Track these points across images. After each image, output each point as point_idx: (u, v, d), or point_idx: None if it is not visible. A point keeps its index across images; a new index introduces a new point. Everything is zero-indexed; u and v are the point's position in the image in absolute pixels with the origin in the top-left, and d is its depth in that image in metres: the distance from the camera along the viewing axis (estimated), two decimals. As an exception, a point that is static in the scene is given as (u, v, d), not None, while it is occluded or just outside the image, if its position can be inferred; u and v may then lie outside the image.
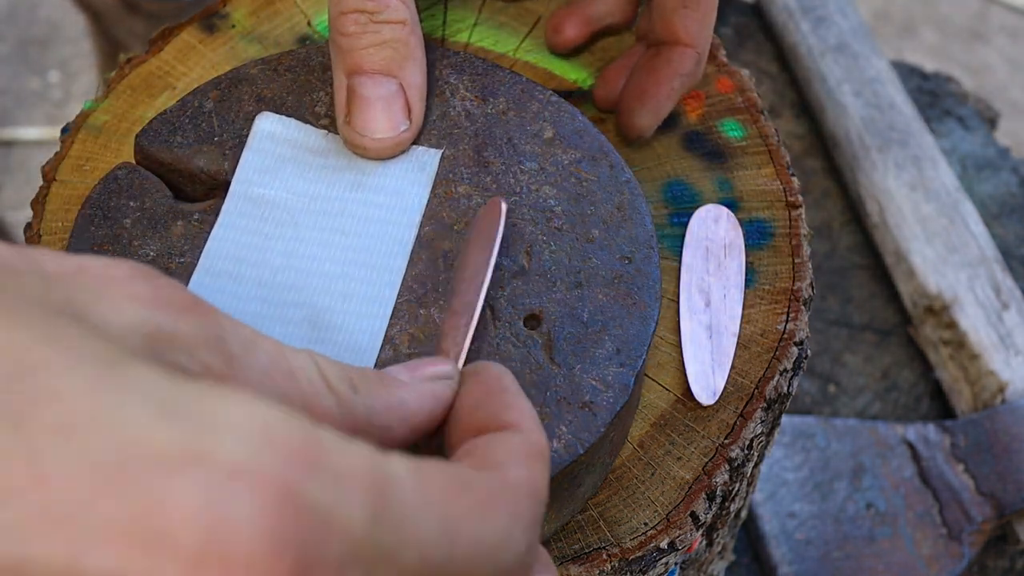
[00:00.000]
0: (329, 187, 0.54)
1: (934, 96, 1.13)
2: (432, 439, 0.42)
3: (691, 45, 0.60)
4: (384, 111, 0.53)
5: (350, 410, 0.37)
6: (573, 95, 0.65)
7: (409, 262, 0.52)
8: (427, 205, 0.54)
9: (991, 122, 1.13)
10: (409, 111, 0.54)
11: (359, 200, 0.54)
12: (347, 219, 0.53)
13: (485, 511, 0.33)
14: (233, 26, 0.65)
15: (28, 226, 0.59)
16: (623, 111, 0.61)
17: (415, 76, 0.54)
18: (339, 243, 0.53)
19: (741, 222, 0.61)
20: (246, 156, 0.54)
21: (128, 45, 1.27)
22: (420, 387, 0.41)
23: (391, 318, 0.51)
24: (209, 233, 0.53)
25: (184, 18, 0.66)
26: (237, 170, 0.54)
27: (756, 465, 0.63)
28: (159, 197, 0.54)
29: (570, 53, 0.66)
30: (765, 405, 0.56)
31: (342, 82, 0.54)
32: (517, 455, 0.37)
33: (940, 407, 0.97)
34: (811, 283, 0.60)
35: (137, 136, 0.55)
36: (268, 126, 0.55)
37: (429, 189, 0.54)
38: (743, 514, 0.74)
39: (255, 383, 0.35)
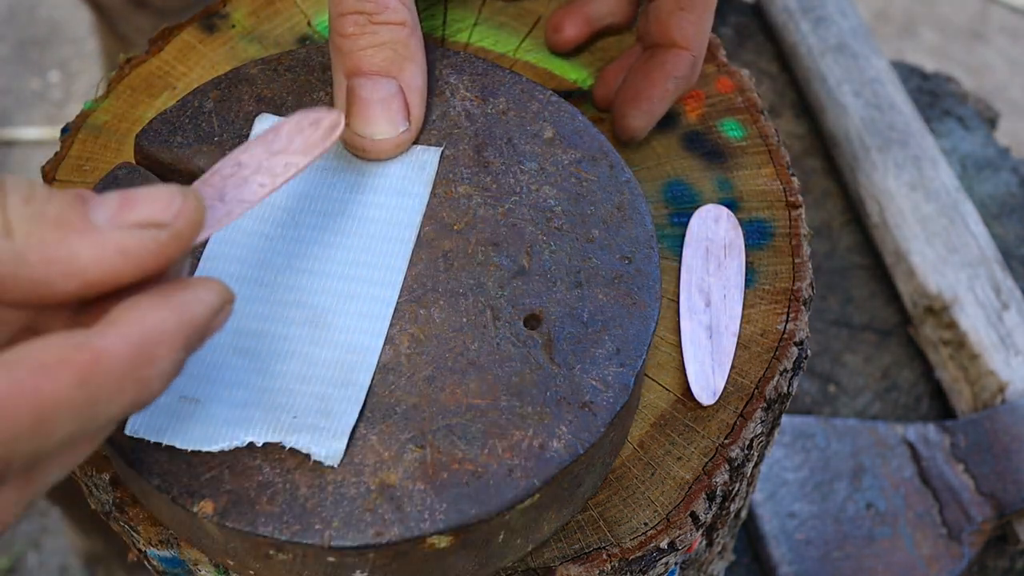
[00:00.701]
0: (329, 188, 0.54)
1: (934, 96, 1.13)
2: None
3: (686, 48, 0.60)
4: (383, 112, 0.53)
5: None
6: (573, 95, 0.65)
7: (409, 262, 0.52)
8: (427, 205, 0.54)
9: (991, 122, 1.13)
10: (408, 112, 0.54)
11: (359, 201, 0.54)
12: (348, 220, 0.53)
13: None
14: (233, 26, 0.65)
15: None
16: (617, 113, 0.61)
17: (415, 77, 0.54)
18: (340, 243, 0.53)
19: (741, 222, 0.61)
20: None
21: (135, 42, 1.27)
22: (105, 237, 0.37)
23: (391, 318, 0.51)
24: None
25: (191, 15, 0.66)
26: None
27: (756, 465, 0.63)
28: (159, 197, 0.54)
29: (570, 53, 0.66)
30: (765, 405, 0.56)
31: (341, 83, 0.54)
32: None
33: (940, 407, 0.97)
34: (811, 283, 0.60)
35: (137, 136, 0.55)
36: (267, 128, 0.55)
37: (430, 188, 0.54)
38: (743, 514, 0.74)
39: None
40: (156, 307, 0.36)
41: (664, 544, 0.53)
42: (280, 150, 0.46)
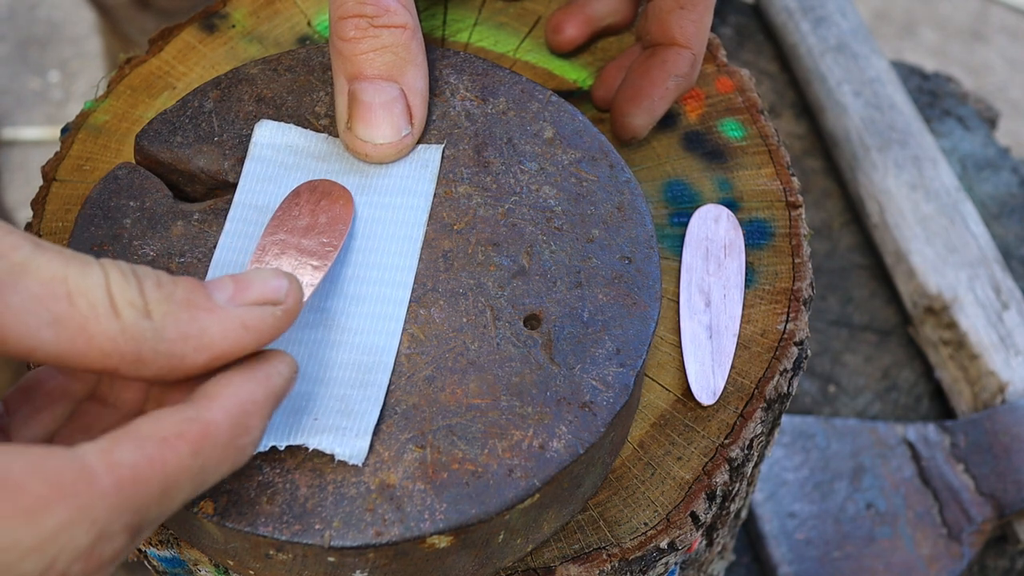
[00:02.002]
0: None
1: (934, 96, 1.13)
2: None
3: (686, 46, 0.60)
4: (386, 116, 0.53)
5: (135, 336, 0.39)
6: (573, 95, 0.65)
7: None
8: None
9: (991, 122, 1.13)
10: (411, 115, 0.54)
11: (365, 202, 0.54)
12: (355, 221, 0.53)
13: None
14: (233, 26, 0.65)
15: (28, 226, 0.59)
16: (617, 112, 0.61)
17: (416, 80, 0.54)
18: (349, 246, 0.53)
19: (741, 222, 0.61)
20: (248, 166, 0.54)
21: (138, 43, 1.27)
22: (230, 314, 0.41)
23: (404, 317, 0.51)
24: (209, 233, 0.53)
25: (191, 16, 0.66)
26: (240, 181, 0.54)
27: (756, 465, 0.63)
28: (159, 197, 0.54)
29: (570, 53, 0.66)
30: (765, 405, 0.56)
31: (343, 87, 0.54)
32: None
33: (940, 407, 0.97)
34: (811, 283, 0.60)
35: (137, 136, 0.55)
36: (268, 134, 0.55)
37: (434, 186, 0.54)
38: (743, 514, 0.74)
39: (18, 309, 0.37)
40: (247, 381, 0.41)
41: (664, 544, 0.53)
42: (311, 227, 0.51)
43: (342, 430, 0.47)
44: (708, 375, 0.56)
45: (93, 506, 0.35)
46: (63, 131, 0.62)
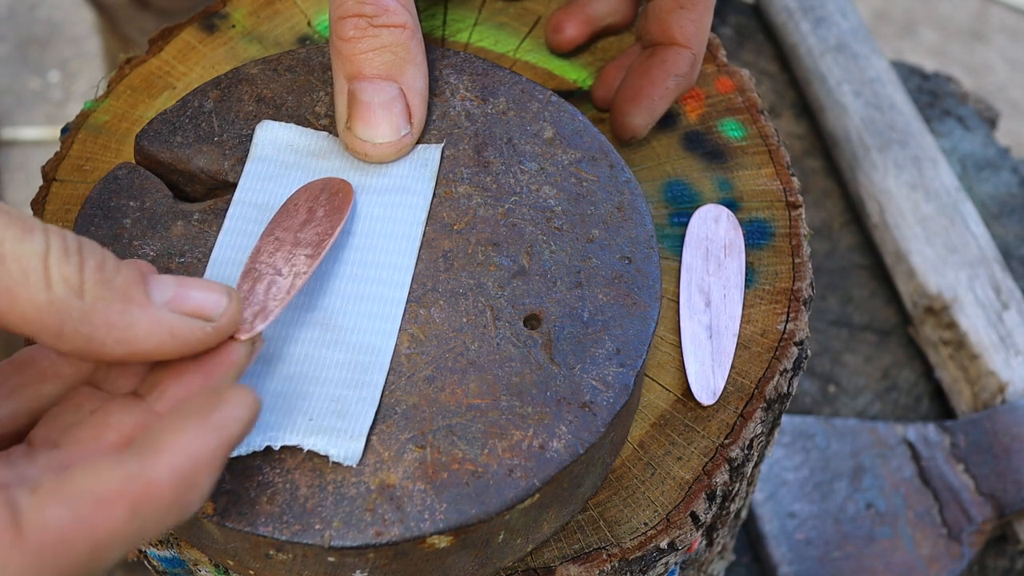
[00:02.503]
0: None
1: (934, 96, 1.13)
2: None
3: (686, 46, 0.60)
4: (385, 116, 0.53)
5: (60, 311, 0.38)
6: (573, 95, 0.65)
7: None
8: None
9: (991, 122, 1.13)
10: (410, 115, 0.54)
11: (364, 201, 0.54)
12: (353, 221, 0.53)
13: None
14: (233, 26, 0.65)
15: (28, 226, 0.59)
16: (617, 111, 0.61)
17: (416, 80, 0.54)
18: (347, 244, 0.53)
19: (741, 222, 0.61)
20: (249, 166, 0.54)
21: (138, 43, 1.27)
22: (161, 318, 0.41)
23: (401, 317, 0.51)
24: (209, 233, 0.53)
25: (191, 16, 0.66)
26: (241, 179, 0.54)
27: (756, 465, 0.63)
28: (159, 197, 0.54)
29: (570, 53, 0.66)
30: (765, 405, 0.56)
31: (343, 87, 0.54)
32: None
33: (940, 407, 0.97)
34: (811, 283, 0.60)
35: (137, 136, 0.55)
36: (269, 134, 0.55)
37: (433, 186, 0.54)
38: (743, 514, 0.74)
39: None
40: (198, 432, 0.39)
41: (664, 544, 0.53)
42: (307, 221, 0.51)
43: (337, 431, 0.47)
44: (708, 375, 0.56)
45: (8, 564, 0.35)
46: (63, 131, 0.62)
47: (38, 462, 0.41)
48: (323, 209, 0.51)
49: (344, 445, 0.47)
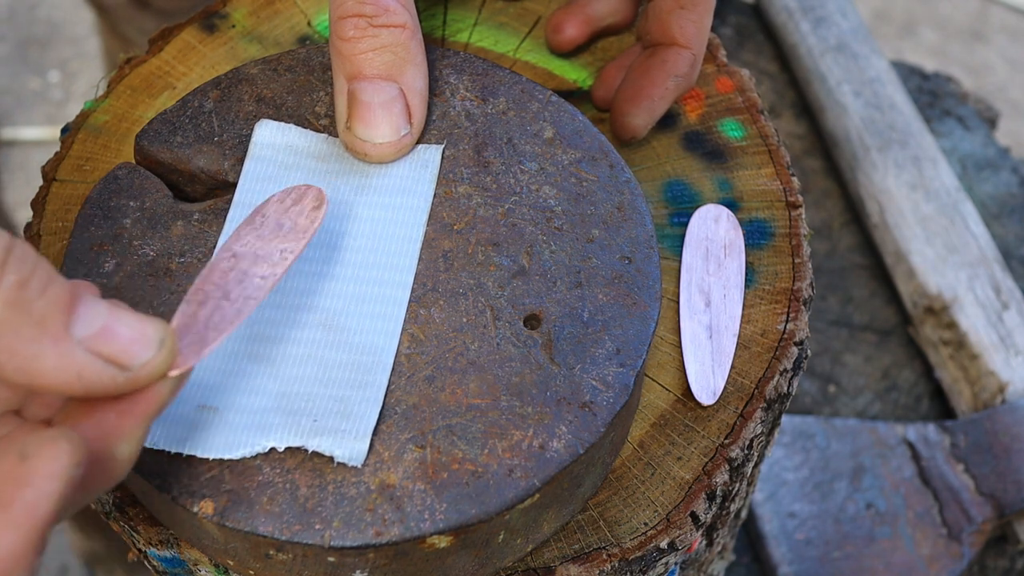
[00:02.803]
0: (334, 191, 0.54)
1: (934, 96, 1.13)
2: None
3: (686, 46, 0.60)
4: (385, 116, 0.53)
5: None
6: (573, 95, 0.65)
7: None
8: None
9: (991, 122, 1.13)
10: (410, 115, 0.54)
11: (365, 203, 0.54)
12: (354, 222, 0.53)
13: None
14: (233, 26, 0.65)
15: (28, 226, 0.59)
16: (616, 111, 0.61)
17: (416, 80, 0.54)
18: (348, 246, 0.53)
19: (741, 222, 0.61)
20: (248, 165, 0.54)
21: (137, 43, 1.27)
22: (72, 356, 0.37)
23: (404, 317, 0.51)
24: (209, 233, 0.53)
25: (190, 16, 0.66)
26: (240, 180, 0.54)
27: (756, 465, 0.63)
28: (159, 197, 0.54)
29: (570, 53, 0.66)
30: (765, 405, 0.56)
31: (343, 87, 0.54)
32: None
33: (940, 407, 0.97)
34: (811, 283, 0.60)
35: (137, 136, 0.55)
36: (268, 134, 0.55)
37: (434, 186, 0.54)
38: (743, 514, 0.74)
39: None
40: (3, 529, 0.35)
41: (664, 544, 0.53)
42: (271, 235, 0.47)
43: (341, 432, 0.47)
44: (708, 375, 0.56)
45: None
46: (63, 131, 0.62)
47: None
48: (292, 222, 0.49)
49: (348, 445, 0.47)
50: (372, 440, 0.48)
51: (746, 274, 0.59)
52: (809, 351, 0.61)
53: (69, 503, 0.37)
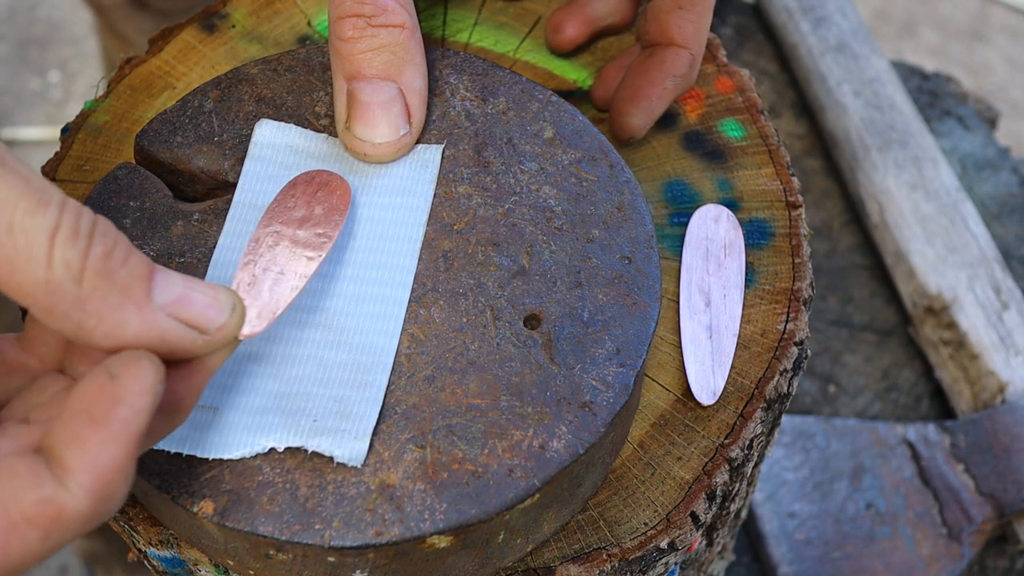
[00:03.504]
0: None
1: (934, 96, 1.13)
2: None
3: (685, 46, 0.60)
4: (384, 116, 0.53)
5: (55, 291, 0.38)
6: (573, 95, 0.65)
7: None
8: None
9: (991, 122, 1.13)
10: (409, 115, 0.54)
11: (365, 202, 0.54)
12: (354, 222, 0.53)
13: None
14: (233, 26, 0.65)
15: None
16: (615, 111, 0.61)
17: (415, 80, 0.54)
18: (348, 246, 0.53)
19: (741, 222, 0.61)
20: (248, 165, 0.54)
21: (135, 43, 1.27)
22: (155, 320, 0.40)
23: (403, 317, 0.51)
24: (209, 233, 0.53)
25: (191, 15, 0.66)
26: (240, 180, 0.54)
27: (756, 465, 0.63)
28: (159, 197, 0.54)
29: (570, 53, 0.66)
30: (765, 405, 0.56)
31: (342, 87, 0.54)
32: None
33: (940, 407, 0.97)
34: (811, 283, 0.60)
35: (137, 136, 0.55)
36: (268, 134, 0.55)
37: (434, 186, 0.54)
38: (743, 514, 0.74)
39: None
40: (103, 444, 0.38)
41: (664, 544, 0.53)
42: (305, 218, 0.50)
43: (341, 432, 0.47)
44: (708, 375, 0.56)
45: None
46: (63, 131, 0.62)
47: (7, 434, 0.40)
48: (322, 207, 0.51)
49: (348, 446, 0.47)
50: (372, 440, 0.48)
51: (746, 274, 0.59)
52: (809, 351, 0.61)
53: (132, 472, 0.39)
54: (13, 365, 0.44)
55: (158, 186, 0.54)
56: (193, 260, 0.52)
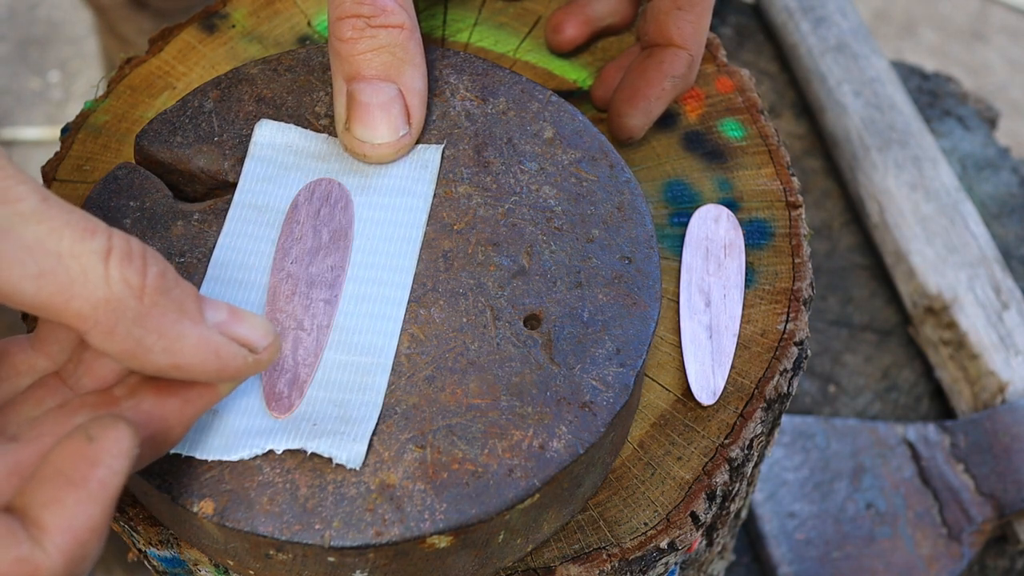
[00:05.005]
0: None
1: (934, 96, 1.13)
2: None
3: (684, 47, 0.60)
4: (383, 117, 0.53)
5: (116, 309, 0.39)
6: (573, 95, 0.65)
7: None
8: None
9: (991, 122, 1.13)
10: (409, 115, 0.54)
11: (365, 203, 0.54)
12: (354, 222, 0.53)
13: None
14: (233, 26, 0.66)
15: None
16: (614, 112, 0.61)
17: (414, 81, 0.54)
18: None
19: (741, 222, 0.61)
20: (248, 165, 0.54)
21: (135, 43, 1.27)
22: (211, 336, 0.41)
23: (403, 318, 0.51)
24: (209, 233, 0.53)
25: (191, 15, 0.66)
26: (240, 180, 0.54)
27: (756, 465, 0.63)
28: (159, 197, 0.54)
29: (570, 53, 0.66)
30: (765, 405, 0.56)
31: (341, 88, 0.54)
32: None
33: (940, 407, 0.97)
34: (811, 283, 0.60)
35: (137, 136, 0.55)
36: (268, 134, 0.55)
37: (434, 186, 0.54)
38: (743, 514, 0.74)
39: (7, 257, 0.37)
40: (79, 504, 0.38)
41: (664, 544, 0.53)
42: (314, 249, 0.52)
43: (340, 434, 0.47)
44: (708, 375, 0.56)
45: None
46: (63, 131, 0.62)
47: None
48: (328, 230, 0.52)
49: (347, 447, 0.47)
50: (372, 440, 0.48)
51: (746, 274, 0.59)
52: (809, 351, 0.61)
53: (105, 531, 0.40)
54: (23, 367, 0.44)
55: (158, 186, 0.54)
56: (193, 260, 0.52)
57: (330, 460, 0.47)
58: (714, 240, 0.60)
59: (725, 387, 0.56)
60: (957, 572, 0.86)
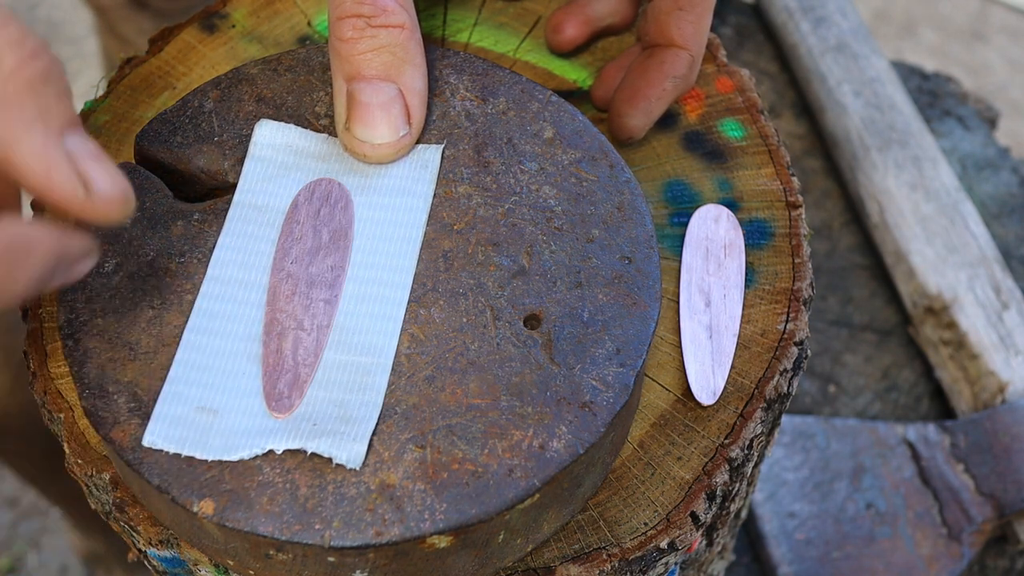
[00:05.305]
0: None
1: (934, 96, 1.13)
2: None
3: (684, 47, 0.60)
4: (383, 117, 0.53)
5: None
6: (573, 95, 0.65)
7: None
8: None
9: (991, 122, 1.13)
10: (409, 115, 0.54)
11: (364, 203, 0.54)
12: (354, 223, 0.53)
13: None
14: (233, 26, 0.66)
15: (28, 226, 0.59)
16: (614, 112, 0.61)
17: (415, 81, 0.54)
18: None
19: (741, 222, 0.61)
20: (248, 165, 0.54)
21: (135, 43, 1.27)
22: (53, 154, 0.40)
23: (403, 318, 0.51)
24: (209, 233, 0.53)
25: (191, 15, 0.66)
26: (240, 180, 0.54)
27: (756, 465, 0.63)
28: (159, 197, 0.54)
29: (570, 53, 0.66)
30: (765, 405, 0.56)
31: (341, 88, 0.54)
32: None
33: (940, 407, 0.97)
34: (811, 283, 0.60)
35: (137, 136, 0.55)
36: (268, 134, 0.55)
37: (434, 186, 0.54)
38: (743, 514, 0.74)
39: None
40: (39, 225, 0.40)
41: (664, 544, 0.53)
42: (314, 249, 0.52)
43: (340, 435, 0.47)
44: (708, 375, 0.56)
45: None
46: (63, 131, 0.62)
47: None
48: (327, 230, 0.52)
49: (347, 447, 0.47)
50: (372, 440, 0.48)
51: (746, 274, 0.59)
52: (809, 351, 0.61)
53: (52, 278, 0.40)
54: None
55: (158, 186, 0.54)
56: (193, 260, 0.52)
57: (330, 460, 0.47)
58: (714, 240, 0.60)
59: (725, 387, 0.56)
60: (957, 572, 0.86)
